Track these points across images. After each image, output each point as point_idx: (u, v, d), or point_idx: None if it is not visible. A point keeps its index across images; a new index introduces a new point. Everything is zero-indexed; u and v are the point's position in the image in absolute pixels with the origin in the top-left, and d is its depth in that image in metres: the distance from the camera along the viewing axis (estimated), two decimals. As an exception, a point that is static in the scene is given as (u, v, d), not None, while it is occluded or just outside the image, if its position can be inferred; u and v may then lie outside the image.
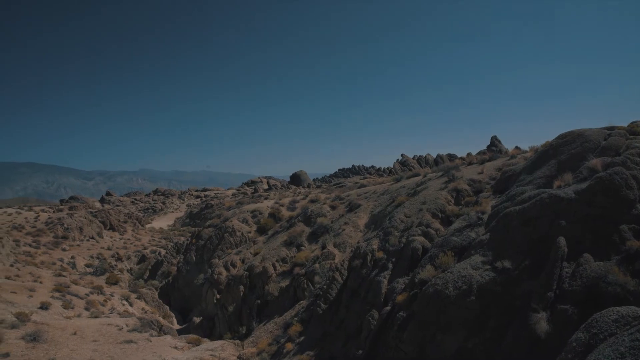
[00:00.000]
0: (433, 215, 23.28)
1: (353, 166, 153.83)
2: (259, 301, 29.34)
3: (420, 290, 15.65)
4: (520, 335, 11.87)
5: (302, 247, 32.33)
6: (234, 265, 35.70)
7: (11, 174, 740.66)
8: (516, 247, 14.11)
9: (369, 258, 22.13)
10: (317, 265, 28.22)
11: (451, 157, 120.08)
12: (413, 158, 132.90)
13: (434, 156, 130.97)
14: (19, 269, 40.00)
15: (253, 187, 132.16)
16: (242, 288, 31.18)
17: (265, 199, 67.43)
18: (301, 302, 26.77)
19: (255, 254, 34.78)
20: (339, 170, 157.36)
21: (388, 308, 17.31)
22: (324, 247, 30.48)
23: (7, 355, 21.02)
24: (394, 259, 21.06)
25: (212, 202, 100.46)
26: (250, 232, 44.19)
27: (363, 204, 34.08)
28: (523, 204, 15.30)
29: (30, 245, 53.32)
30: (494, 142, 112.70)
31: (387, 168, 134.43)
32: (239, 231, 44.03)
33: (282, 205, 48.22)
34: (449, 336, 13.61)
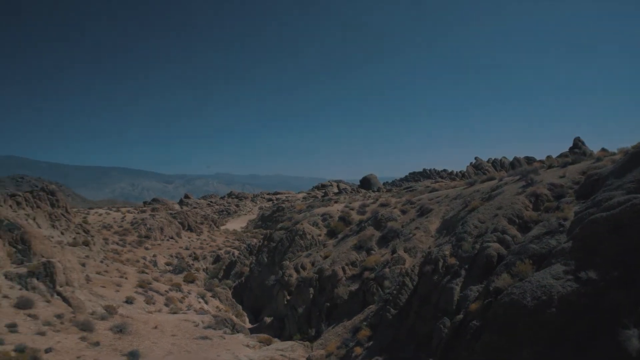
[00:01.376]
0: (509, 221, 22.22)
1: (424, 170, 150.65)
2: (328, 304, 29.48)
3: (495, 299, 14.98)
4: (606, 352, 10.99)
5: (372, 251, 32.10)
6: (304, 268, 36.17)
7: (102, 177, 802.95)
8: (603, 256, 13.10)
9: (440, 264, 21.53)
10: (387, 269, 27.90)
11: (529, 160, 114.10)
12: (487, 161, 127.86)
13: (510, 159, 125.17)
14: (107, 265, 43.09)
15: (323, 191, 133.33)
16: (311, 290, 31.50)
17: (336, 202, 67.81)
18: (370, 306, 26.56)
19: (325, 257, 35.01)
20: (410, 174, 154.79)
21: (460, 316, 16.74)
22: (394, 251, 30.07)
23: (97, 344, 22.69)
24: (466, 266, 20.34)
25: (283, 205, 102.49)
26: (320, 235, 44.57)
27: (434, 208, 33.26)
28: (611, 210, 14.18)
29: (117, 244, 57.29)
30: (577, 144, 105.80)
31: (460, 172, 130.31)
32: (309, 234, 44.55)
33: (352, 209, 48.20)
34: (526, 348, 12.89)
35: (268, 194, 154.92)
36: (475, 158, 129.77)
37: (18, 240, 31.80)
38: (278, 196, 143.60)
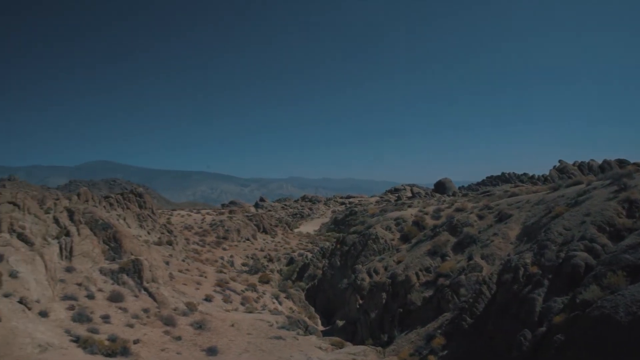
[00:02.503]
0: (599, 229, 20.67)
1: (502, 174, 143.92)
2: (401, 310, 29.04)
3: (583, 313, 14.00)
4: None
5: (447, 257, 31.22)
6: (376, 272, 35.93)
7: (185, 181, 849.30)
8: None
9: (521, 273, 20.49)
10: (462, 277, 27.00)
11: (621, 162, 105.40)
12: (573, 164, 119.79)
13: (599, 162, 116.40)
14: (188, 264, 45.41)
15: (396, 195, 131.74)
16: (384, 295, 31.20)
17: (409, 206, 66.71)
18: (445, 314, 25.83)
19: (398, 262, 34.55)
20: (487, 178, 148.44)
21: (543, 329, 15.83)
22: (470, 258, 29.04)
23: (179, 338, 23.99)
24: (550, 276, 19.17)
25: (356, 209, 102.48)
26: (393, 240, 44.06)
27: (514, 214, 31.71)
28: None
29: (197, 244, 60.22)
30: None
31: (542, 176, 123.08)
32: (382, 238, 44.19)
33: (426, 214, 47.19)
34: (619, 367, 11.92)
35: (341, 197, 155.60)
36: (560, 161, 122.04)
37: (111, 239, 34.40)
38: (351, 200, 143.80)
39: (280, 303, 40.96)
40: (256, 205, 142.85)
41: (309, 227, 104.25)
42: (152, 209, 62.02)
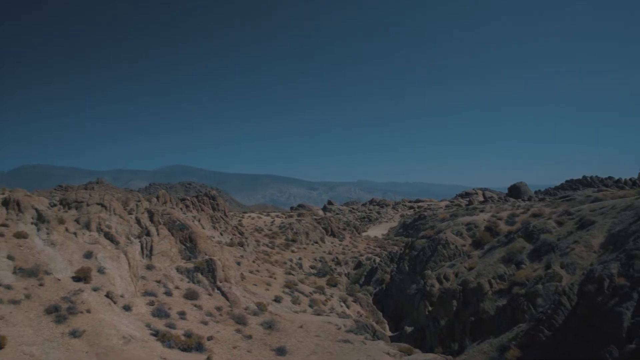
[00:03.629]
0: (697, 238, 18.83)
1: (584, 177, 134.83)
2: (472, 318, 28.05)
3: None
4: None
5: (522, 265, 29.75)
6: (446, 278, 34.98)
7: (255, 184, 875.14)
8: None
9: (606, 284, 19.08)
10: (539, 286, 25.59)
11: None
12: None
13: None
14: (258, 265, 46.66)
15: (467, 199, 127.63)
16: (454, 302, 30.29)
17: (481, 211, 64.39)
18: (520, 325, 24.59)
19: (470, 269, 33.43)
20: (567, 181, 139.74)
21: (632, 346, 14.66)
22: (548, 266, 27.48)
23: (250, 337, 24.72)
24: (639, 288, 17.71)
25: (425, 214, 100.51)
26: (464, 246, 42.71)
27: (598, 220, 29.62)
28: None
29: (267, 246, 61.74)
30: None
31: (630, 179, 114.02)
32: (453, 244, 42.97)
33: (500, 219, 45.31)
34: None
35: (409, 201, 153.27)
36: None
37: (186, 239, 36.13)
38: (419, 204, 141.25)
39: (347, 306, 41.00)
40: (324, 209, 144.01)
41: (377, 231, 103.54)
42: (224, 211, 64.46)
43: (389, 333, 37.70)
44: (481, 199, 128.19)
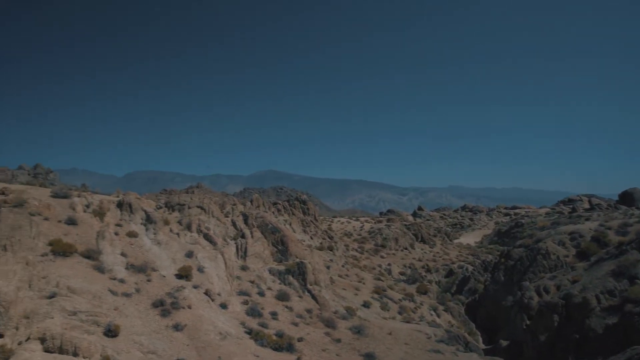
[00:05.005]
0: None
1: None
2: (576, 335, 25.94)
3: None
4: None
5: (637, 280, 26.96)
6: (547, 291, 32.74)
7: (344, 189, 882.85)
8: None
9: None
10: (657, 304, 23.07)
11: None
12: None
13: None
14: (347, 270, 46.97)
15: (570, 206, 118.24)
16: (556, 317, 28.23)
17: (587, 220, 59.45)
18: (635, 347, 22.31)
19: (574, 282, 30.98)
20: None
21: None
22: (667, 283, 24.69)
23: (339, 341, 24.96)
24: None
25: (523, 221, 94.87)
26: (567, 257, 39.71)
27: None
28: None
29: (356, 250, 61.95)
30: None
31: None
32: (554, 254, 40.11)
33: (609, 229, 41.57)
34: None
35: (505, 208, 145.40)
36: None
37: (278, 242, 37.38)
38: (516, 211, 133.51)
39: (438, 315, 39.88)
40: (414, 214, 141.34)
41: (470, 239, 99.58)
42: (314, 215, 65.77)
43: (482, 346, 36.06)
44: (587, 206, 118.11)
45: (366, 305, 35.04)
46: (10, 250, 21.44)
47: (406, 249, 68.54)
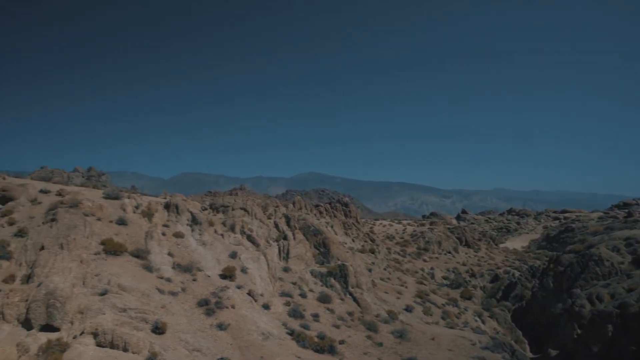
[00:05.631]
0: None
1: None
2: (633, 347, 24.66)
3: None
4: None
5: (699, 290, 25.40)
6: (600, 299, 31.29)
7: (387, 191, 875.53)
8: None
9: None
10: None
11: None
12: None
13: None
14: (389, 273, 46.54)
15: (626, 210, 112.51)
16: (610, 328, 26.93)
17: (644, 225, 56.37)
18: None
19: (630, 290, 29.49)
20: None
21: None
22: None
23: (380, 344, 24.77)
24: None
25: (573, 225, 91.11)
26: (622, 264, 37.76)
27: None
28: None
29: (398, 254, 61.27)
30: None
31: None
32: (608, 260, 38.26)
33: (669, 235, 39.27)
34: None
35: (554, 212, 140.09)
36: None
37: (320, 244, 37.50)
38: (566, 215, 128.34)
39: (483, 322, 38.87)
40: (458, 218, 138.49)
41: (516, 243, 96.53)
42: (356, 218, 65.59)
43: (529, 354, 34.87)
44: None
45: (408, 309, 34.60)
46: (66, 249, 22.54)
47: (449, 252, 67.19)
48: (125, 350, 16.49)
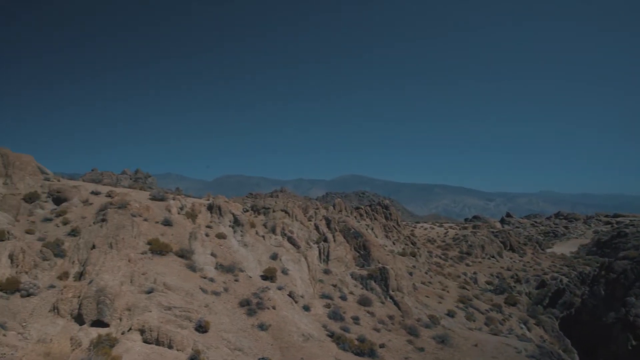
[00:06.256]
0: None
1: None
2: (693, 360, 23.29)
3: None
4: None
5: None
6: (656, 309, 29.72)
7: (427, 194, 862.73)
8: None
9: None
10: None
11: None
12: None
13: None
14: (431, 277, 45.82)
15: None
16: (667, 338, 25.55)
17: None
18: None
19: (688, 300, 27.86)
20: None
21: None
22: None
23: (422, 349, 24.41)
24: None
25: (627, 230, 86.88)
26: (680, 271, 35.75)
27: None
28: None
29: (439, 257, 60.24)
30: None
31: None
32: (664, 268, 36.33)
33: None
34: None
35: (605, 216, 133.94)
36: None
37: (360, 246, 37.37)
38: (619, 219, 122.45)
39: (529, 329, 37.62)
40: (502, 221, 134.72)
41: (564, 248, 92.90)
42: (397, 220, 64.96)
43: (579, 364, 33.49)
44: None
45: (450, 314, 33.94)
46: (115, 248, 23.46)
47: (493, 257, 65.46)
48: (170, 347, 16.98)
